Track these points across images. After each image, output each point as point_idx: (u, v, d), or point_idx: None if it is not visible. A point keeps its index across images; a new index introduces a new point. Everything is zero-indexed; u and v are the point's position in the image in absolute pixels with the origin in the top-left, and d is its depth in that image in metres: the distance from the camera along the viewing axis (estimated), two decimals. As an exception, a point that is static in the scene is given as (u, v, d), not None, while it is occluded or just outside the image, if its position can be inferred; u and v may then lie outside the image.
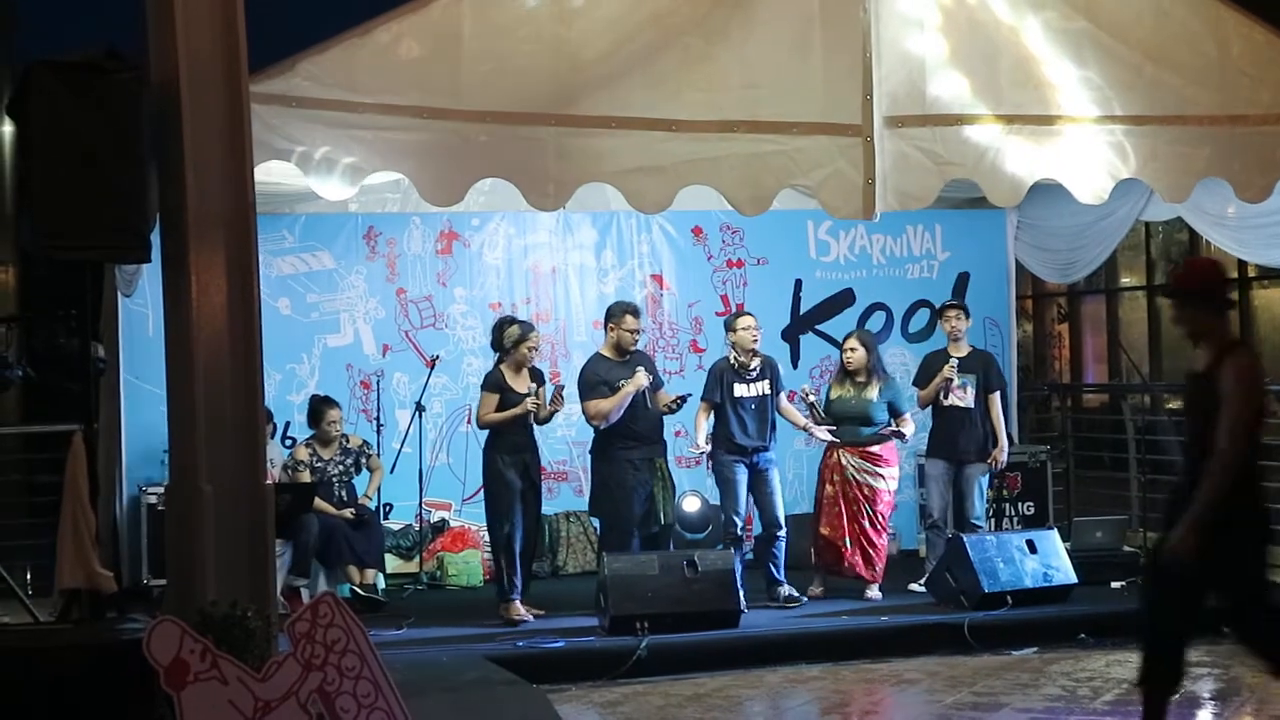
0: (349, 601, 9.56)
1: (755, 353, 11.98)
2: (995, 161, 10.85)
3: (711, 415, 11.98)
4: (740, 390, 11.89)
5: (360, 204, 13.09)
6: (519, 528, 11.43)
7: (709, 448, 11.94)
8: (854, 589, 11.94)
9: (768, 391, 12.00)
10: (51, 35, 20.59)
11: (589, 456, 12.06)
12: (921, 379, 12.55)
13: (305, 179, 9.66)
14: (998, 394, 12.34)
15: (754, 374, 11.95)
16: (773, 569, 11.94)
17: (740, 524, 11.86)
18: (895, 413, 12.04)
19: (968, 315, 12.51)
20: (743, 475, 11.85)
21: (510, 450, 11.47)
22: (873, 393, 11.99)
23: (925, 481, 12.72)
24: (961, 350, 12.37)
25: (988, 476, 12.33)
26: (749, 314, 12.30)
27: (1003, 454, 12.25)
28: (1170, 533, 7.23)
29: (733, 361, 11.95)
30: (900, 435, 12.02)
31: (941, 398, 12.27)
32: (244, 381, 7.89)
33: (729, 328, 12.11)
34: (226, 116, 7.94)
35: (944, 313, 12.65)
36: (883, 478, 11.96)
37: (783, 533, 12.03)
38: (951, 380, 12.21)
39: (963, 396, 12.23)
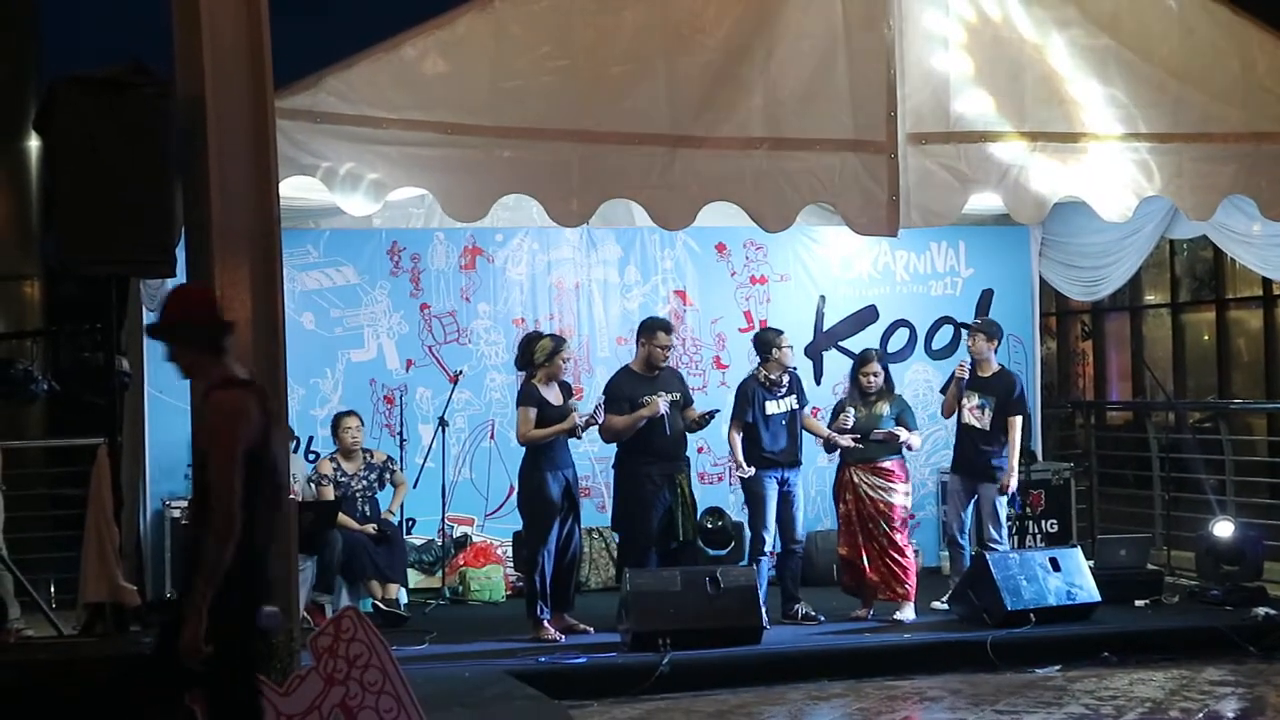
0: (371, 617, 9.60)
1: (785, 369, 11.98)
2: (1019, 179, 10.85)
3: (741, 434, 11.94)
4: (771, 408, 11.89)
5: (384, 219, 13.10)
6: (554, 550, 11.42)
7: (752, 469, 11.89)
8: (887, 610, 11.87)
9: (795, 407, 12.00)
10: (76, 50, 20.65)
11: (612, 471, 12.06)
12: (947, 386, 12.55)
13: (330, 194, 9.68)
14: (1018, 419, 12.21)
15: (783, 391, 11.95)
16: (790, 585, 11.94)
17: (770, 539, 11.84)
18: (906, 429, 11.98)
19: (990, 338, 12.39)
20: (773, 490, 11.83)
21: (553, 467, 11.45)
22: (883, 409, 11.97)
23: (946, 498, 12.69)
24: (987, 370, 12.29)
25: (1005, 498, 12.24)
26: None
27: (1011, 479, 12.12)
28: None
29: (763, 379, 11.93)
30: (895, 437, 11.91)
31: (961, 415, 12.23)
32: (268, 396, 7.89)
33: (773, 345, 12.01)
34: (252, 132, 7.97)
35: (969, 334, 12.58)
36: (896, 492, 11.91)
37: (800, 548, 12.05)
38: (964, 381, 12.15)
39: (979, 417, 12.16)
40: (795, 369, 12.18)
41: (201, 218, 7.92)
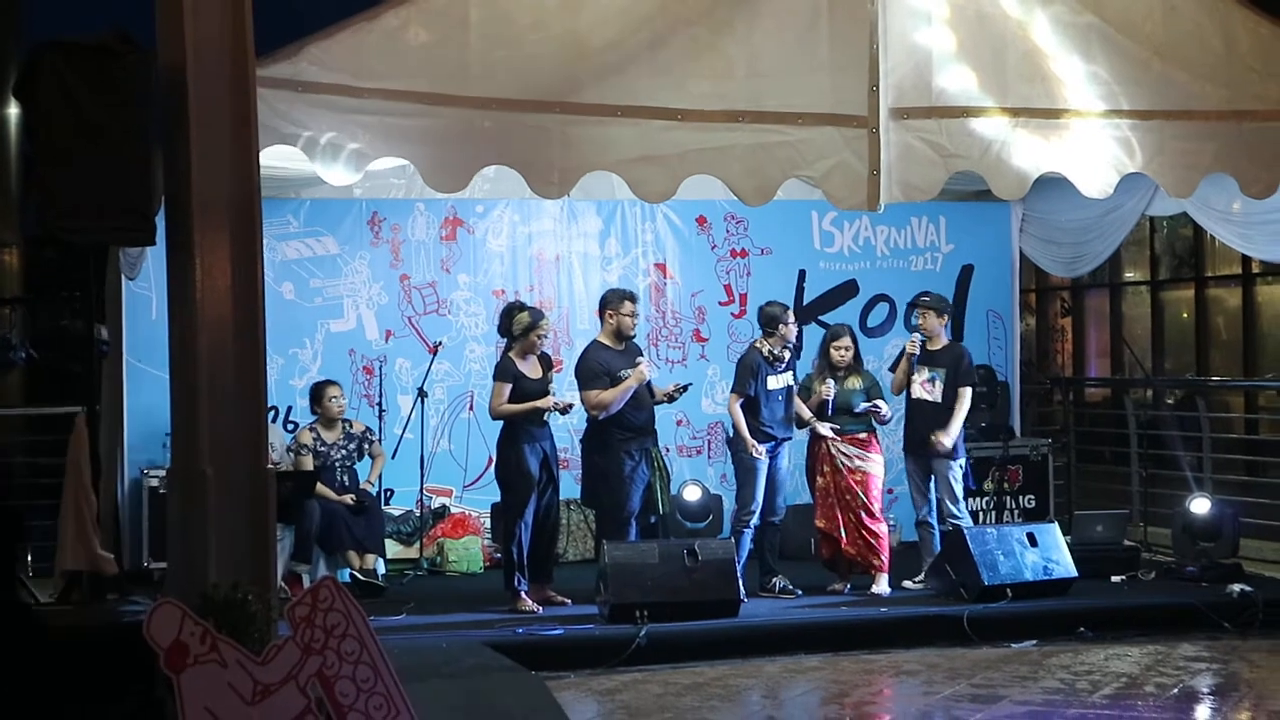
0: (349, 587, 9.58)
1: (786, 345, 11.99)
2: (1001, 155, 10.84)
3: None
4: (773, 382, 11.91)
5: (365, 189, 13.08)
6: (531, 523, 11.43)
7: (764, 449, 11.87)
8: (863, 583, 11.90)
9: (792, 383, 12.03)
10: (57, 16, 20.55)
11: (581, 446, 12.07)
12: (895, 363, 12.54)
13: (310, 164, 9.65)
14: (968, 390, 12.16)
15: (784, 366, 11.97)
16: (768, 558, 11.97)
17: (757, 513, 11.85)
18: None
19: (940, 313, 12.35)
20: (764, 464, 11.85)
21: (531, 440, 11.47)
22: (854, 384, 11.99)
23: (907, 479, 12.64)
24: (936, 344, 12.27)
25: (959, 470, 12.21)
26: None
27: (946, 437, 11.99)
28: None
29: (768, 353, 11.93)
30: (877, 411, 11.92)
31: (911, 391, 12.21)
32: (247, 365, 7.88)
33: (780, 320, 11.99)
34: (233, 101, 7.93)
35: (919, 311, 12.51)
36: (871, 462, 11.94)
37: (779, 520, 12.11)
38: (915, 356, 12.13)
39: (930, 390, 12.13)
40: (793, 345, 12.20)
41: (181, 186, 7.88)
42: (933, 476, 12.15)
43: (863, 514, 11.83)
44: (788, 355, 12.02)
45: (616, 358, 11.63)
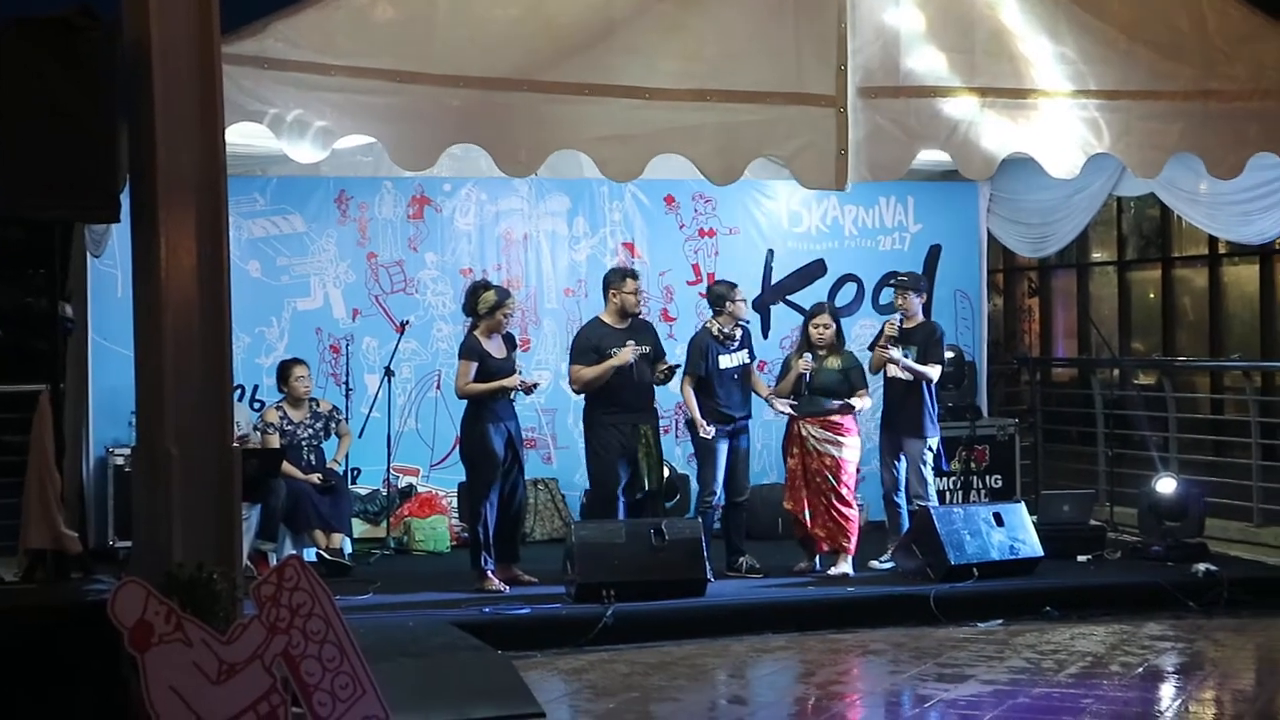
0: (315, 566, 9.57)
1: (738, 323, 11.95)
2: (968, 135, 10.86)
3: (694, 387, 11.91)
4: (725, 361, 11.85)
5: (332, 167, 12.98)
6: (496, 502, 11.42)
7: (713, 429, 11.87)
8: (831, 564, 11.90)
9: (746, 361, 11.99)
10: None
11: (581, 424, 12.09)
12: (875, 341, 12.52)
13: (277, 141, 9.62)
14: (936, 368, 12.13)
15: (736, 344, 11.93)
16: (735, 538, 11.98)
17: (719, 493, 11.84)
18: (854, 385, 11.94)
19: (918, 293, 12.32)
20: (724, 446, 11.82)
21: (495, 419, 11.43)
22: (833, 363, 11.94)
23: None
24: (912, 323, 12.23)
25: (930, 454, 12.20)
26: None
27: (893, 353, 11.88)
28: None
29: (717, 333, 11.89)
30: (850, 409, 11.90)
31: (886, 370, 12.18)
32: (213, 344, 7.85)
33: (727, 298, 11.94)
34: (198, 77, 7.88)
35: (896, 291, 12.48)
36: (844, 446, 11.87)
37: (745, 500, 12.09)
38: (894, 339, 12.10)
39: (902, 370, 12.13)
40: (748, 322, 12.17)
41: (147, 163, 7.84)
42: (903, 456, 12.15)
43: (832, 497, 11.79)
44: (739, 334, 11.97)
45: (612, 335, 11.60)
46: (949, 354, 12.91)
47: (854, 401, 11.84)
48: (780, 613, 10.91)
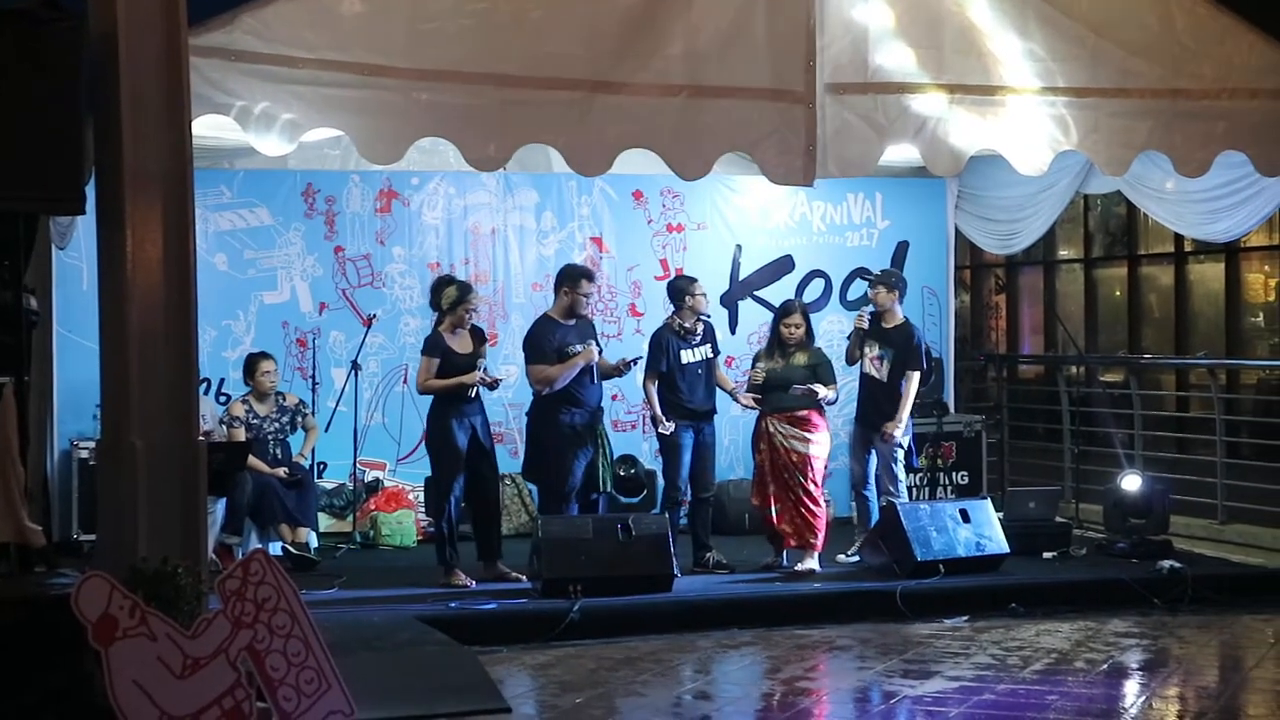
0: (281, 560, 9.55)
1: (699, 317, 11.94)
2: (936, 131, 10.87)
3: (656, 383, 11.90)
4: (686, 356, 11.83)
5: (299, 160, 12.98)
6: (459, 498, 11.39)
7: (672, 425, 11.85)
8: (794, 558, 11.90)
9: (710, 355, 11.98)
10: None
11: (525, 419, 12.00)
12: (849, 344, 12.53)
13: (244, 134, 9.59)
14: (915, 374, 12.09)
15: (698, 339, 11.91)
16: (701, 534, 11.97)
17: (685, 489, 11.83)
18: (823, 381, 11.90)
19: (890, 289, 12.31)
20: (689, 441, 11.81)
21: (459, 415, 11.39)
22: (800, 360, 11.92)
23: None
24: (891, 321, 12.23)
25: (901, 452, 12.21)
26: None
27: (896, 429, 11.98)
28: None
29: (678, 328, 11.88)
30: (814, 394, 11.84)
31: (862, 365, 12.20)
32: (178, 337, 7.82)
33: (687, 292, 11.93)
34: (165, 69, 7.85)
35: (871, 285, 12.50)
36: (811, 442, 11.85)
37: (711, 496, 12.09)
38: (864, 331, 12.10)
39: (878, 368, 12.10)
40: (709, 317, 12.15)
41: (112, 155, 7.81)
42: (874, 451, 12.15)
43: (800, 493, 11.78)
44: (701, 328, 11.95)
45: (566, 332, 11.55)
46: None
47: (817, 388, 11.76)
48: (747, 608, 10.91)
